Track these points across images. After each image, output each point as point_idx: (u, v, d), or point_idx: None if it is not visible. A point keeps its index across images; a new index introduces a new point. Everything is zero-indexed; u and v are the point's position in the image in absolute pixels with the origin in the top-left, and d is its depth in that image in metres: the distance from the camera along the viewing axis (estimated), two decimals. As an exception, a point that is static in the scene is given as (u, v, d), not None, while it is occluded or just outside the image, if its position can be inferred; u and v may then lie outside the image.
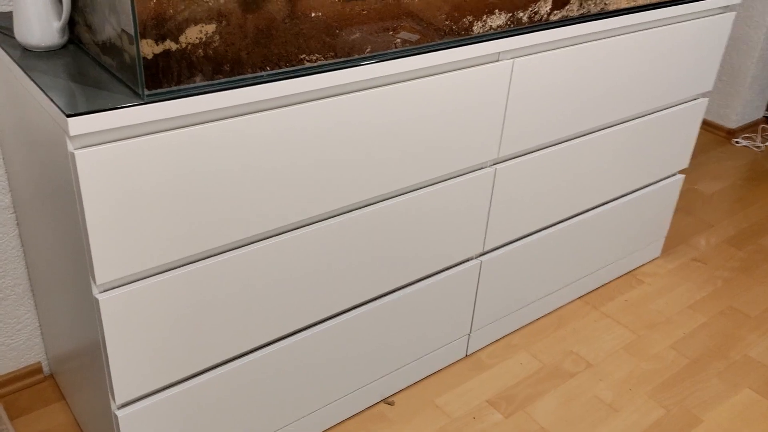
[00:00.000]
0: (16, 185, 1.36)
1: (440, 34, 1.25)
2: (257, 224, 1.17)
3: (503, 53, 1.37)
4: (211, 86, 1.01)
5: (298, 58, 1.09)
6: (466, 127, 1.38)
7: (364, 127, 1.22)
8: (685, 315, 1.98)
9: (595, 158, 1.73)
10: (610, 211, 1.89)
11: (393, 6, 1.17)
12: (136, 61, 0.94)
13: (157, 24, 0.93)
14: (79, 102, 0.93)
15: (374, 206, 1.32)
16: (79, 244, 1.05)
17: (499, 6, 1.31)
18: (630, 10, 1.55)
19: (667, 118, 1.87)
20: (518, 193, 1.59)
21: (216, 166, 1.07)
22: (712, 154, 2.92)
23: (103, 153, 0.95)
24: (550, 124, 1.55)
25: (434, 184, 1.41)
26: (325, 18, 1.09)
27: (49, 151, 1.04)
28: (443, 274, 1.55)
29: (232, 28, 1.00)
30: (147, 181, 1.01)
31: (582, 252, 1.90)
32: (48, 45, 1.09)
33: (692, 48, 1.78)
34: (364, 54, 1.17)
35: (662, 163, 1.96)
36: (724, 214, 2.49)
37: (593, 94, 1.60)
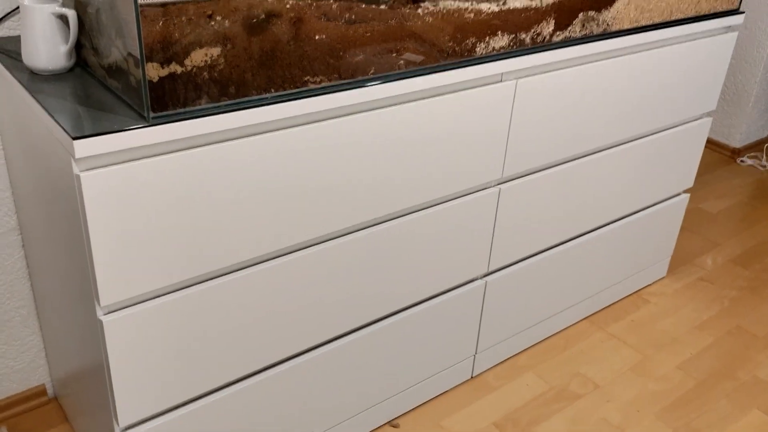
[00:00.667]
0: (22, 207, 1.37)
1: (443, 56, 1.26)
2: (262, 245, 1.17)
3: (506, 74, 1.38)
4: (216, 108, 1.02)
5: (302, 80, 1.10)
6: (470, 148, 1.38)
7: (367, 148, 1.22)
8: (692, 335, 1.97)
9: (599, 178, 1.73)
10: (615, 230, 1.89)
11: (396, 28, 1.18)
12: (141, 84, 0.95)
13: (163, 47, 0.94)
14: (85, 124, 0.94)
15: (379, 226, 1.32)
16: (83, 265, 1.05)
17: (502, 27, 1.32)
18: (632, 31, 1.56)
19: (671, 138, 1.87)
20: (523, 213, 1.59)
21: (221, 188, 1.07)
22: (717, 173, 2.92)
23: (109, 175, 0.95)
24: (554, 144, 1.55)
25: (438, 205, 1.41)
26: (328, 40, 1.10)
27: (55, 173, 1.04)
28: (448, 294, 1.55)
29: (237, 51, 1.01)
30: (152, 203, 1.01)
31: (587, 272, 1.89)
32: (55, 68, 1.10)
33: (695, 68, 1.78)
34: (367, 75, 1.18)
35: (667, 183, 1.96)
36: (730, 233, 2.48)
37: (597, 114, 1.60)
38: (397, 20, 1.18)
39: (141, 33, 0.91)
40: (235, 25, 1.00)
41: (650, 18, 1.59)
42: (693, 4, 1.67)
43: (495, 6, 1.31)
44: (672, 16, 1.64)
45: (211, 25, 0.97)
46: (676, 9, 1.63)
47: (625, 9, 1.52)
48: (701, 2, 1.69)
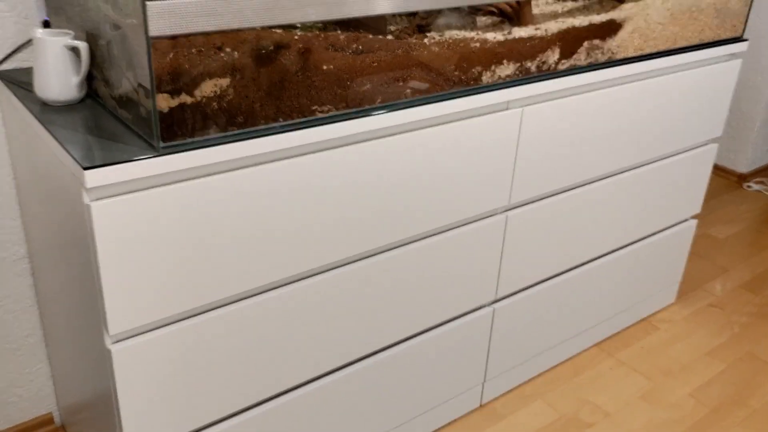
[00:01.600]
0: (32, 236, 1.37)
1: (450, 84, 1.27)
2: (270, 273, 1.17)
3: (512, 102, 1.39)
4: (224, 138, 1.03)
5: (310, 110, 1.11)
6: (477, 175, 1.39)
7: (375, 176, 1.23)
8: (702, 362, 1.95)
9: (606, 204, 1.73)
10: (623, 256, 1.88)
11: (403, 58, 1.19)
12: (151, 114, 0.96)
13: (173, 79, 0.95)
14: (96, 155, 0.95)
15: (386, 254, 1.33)
16: (92, 294, 1.05)
17: (508, 56, 1.34)
18: (637, 59, 1.57)
19: (678, 164, 1.87)
20: (530, 240, 1.59)
21: (229, 216, 1.08)
22: (725, 199, 2.91)
23: (119, 204, 0.96)
24: (561, 171, 1.55)
25: (445, 231, 1.41)
26: (336, 70, 1.12)
27: (65, 202, 1.05)
28: (456, 322, 1.54)
29: (246, 81, 1.02)
30: (161, 232, 1.02)
31: (596, 298, 1.88)
32: (66, 99, 1.12)
33: (700, 95, 1.79)
34: (374, 104, 1.19)
35: (674, 209, 1.96)
36: (739, 259, 2.47)
37: (603, 141, 1.61)
38: (404, 50, 1.19)
39: (152, 65, 0.93)
40: (244, 56, 1.01)
41: (655, 46, 1.60)
42: (697, 32, 1.68)
43: (500, 35, 1.33)
44: (676, 44, 1.65)
45: (221, 57, 0.99)
46: (680, 37, 1.65)
47: (630, 37, 1.54)
48: (705, 30, 1.70)
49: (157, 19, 0.91)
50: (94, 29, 1.09)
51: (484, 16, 1.46)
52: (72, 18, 1.16)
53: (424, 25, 1.31)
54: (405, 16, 1.36)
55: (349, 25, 1.20)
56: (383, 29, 1.23)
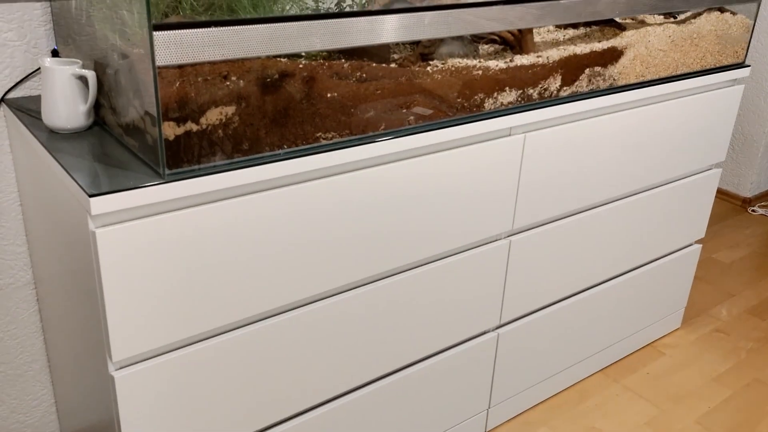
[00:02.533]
0: (37, 261, 1.38)
1: (453, 111, 1.29)
2: (274, 299, 1.17)
3: (515, 128, 1.40)
4: (229, 164, 1.04)
5: (314, 137, 1.12)
6: (481, 200, 1.39)
7: (379, 202, 1.24)
8: (709, 388, 1.93)
9: (610, 229, 1.73)
10: (628, 281, 1.88)
11: (406, 85, 1.21)
12: (157, 142, 0.97)
13: (179, 107, 0.97)
14: (102, 182, 0.96)
15: (389, 279, 1.33)
16: (96, 321, 1.06)
17: (510, 83, 1.35)
18: (639, 85, 1.58)
19: (681, 189, 1.87)
20: (534, 265, 1.59)
21: (234, 242, 1.08)
22: (729, 223, 2.91)
23: (124, 231, 0.97)
24: (564, 196, 1.56)
25: (449, 257, 1.41)
26: (340, 98, 1.13)
27: (71, 229, 1.06)
28: (460, 347, 1.54)
29: (251, 109, 1.04)
30: (166, 258, 1.02)
31: (601, 323, 1.87)
32: (74, 127, 1.13)
33: (703, 120, 1.80)
34: (378, 131, 1.20)
35: (678, 234, 1.96)
36: (745, 284, 2.46)
37: (606, 166, 1.61)
38: (407, 77, 1.21)
39: (158, 93, 0.94)
40: (250, 85, 1.02)
41: (656, 72, 1.61)
42: (698, 59, 1.70)
43: (503, 63, 1.34)
44: (678, 71, 1.66)
45: (227, 85, 1.00)
46: (681, 63, 1.66)
47: (631, 64, 1.55)
48: (706, 56, 1.72)
49: (164, 48, 0.92)
50: (102, 58, 1.10)
51: (486, 44, 1.48)
52: (80, 47, 1.18)
53: (427, 53, 1.33)
54: (408, 45, 1.38)
55: (353, 54, 1.21)
56: (387, 57, 1.25)
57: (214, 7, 1.09)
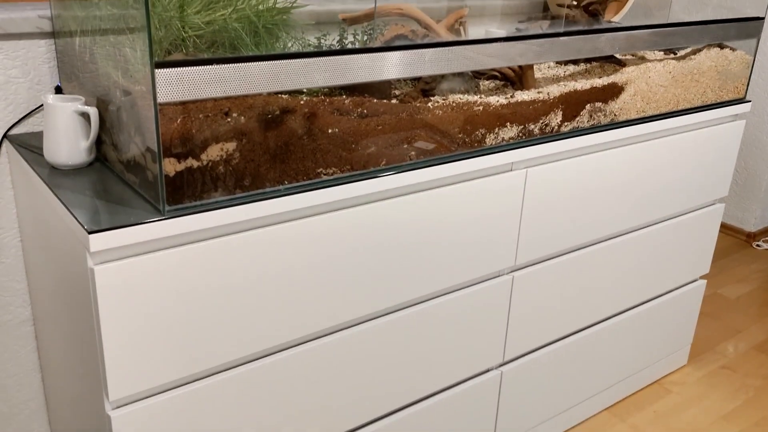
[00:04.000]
0: (36, 298, 1.37)
1: (454, 146, 1.29)
2: (273, 337, 1.16)
3: (516, 163, 1.40)
4: (230, 200, 1.04)
5: (315, 172, 1.12)
6: (483, 235, 1.39)
7: (379, 238, 1.23)
8: (718, 426, 1.90)
9: (613, 265, 1.71)
10: (633, 318, 1.86)
11: (407, 121, 1.21)
12: (158, 178, 0.97)
13: (181, 143, 0.97)
14: (101, 218, 0.96)
15: (390, 316, 1.31)
16: (93, 358, 1.04)
17: (511, 119, 1.35)
18: (640, 121, 1.58)
19: (685, 224, 1.86)
20: (537, 301, 1.57)
21: (234, 278, 1.07)
22: (734, 258, 2.89)
23: (122, 268, 0.96)
24: (567, 231, 1.55)
25: (451, 293, 1.40)
26: (341, 134, 1.13)
27: (70, 265, 1.05)
28: (463, 385, 1.51)
29: (253, 145, 1.04)
30: (165, 295, 1.01)
31: (606, 361, 1.85)
32: (75, 163, 1.13)
33: (704, 155, 1.80)
34: (379, 166, 1.20)
35: (682, 269, 1.94)
36: (751, 320, 2.43)
37: (608, 202, 1.61)
38: (408, 113, 1.21)
39: (159, 130, 0.94)
40: (251, 121, 1.03)
41: (657, 108, 1.62)
42: (699, 95, 1.70)
43: (503, 99, 1.35)
44: (678, 106, 1.67)
45: (228, 121, 1.00)
46: (682, 99, 1.67)
47: (632, 100, 1.55)
48: (707, 92, 1.72)
49: (166, 86, 0.93)
50: (104, 95, 1.11)
51: (487, 79, 1.49)
52: (84, 84, 1.19)
53: (428, 89, 1.34)
54: (409, 81, 1.39)
55: (354, 90, 1.22)
56: (388, 93, 1.25)
57: (216, 45, 1.10)
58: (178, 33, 1.03)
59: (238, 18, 1.08)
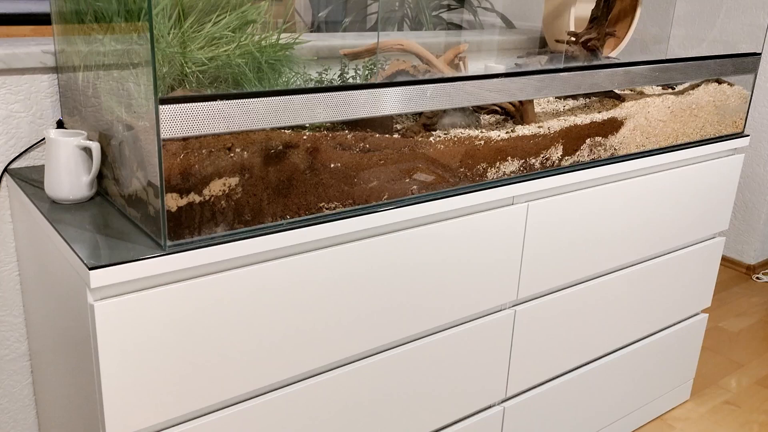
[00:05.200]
0: (33, 333, 1.36)
1: (456, 180, 1.29)
2: (274, 373, 1.14)
3: (518, 197, 1.40)
4: (231, 235, 1.03)
5: (317, 207, 1.12)
6: (485, 269, 1.38)
7: (381, 272, 1.22)
8: (722, 464, 1.87)
9: (615, 299, 1.70)
10: (635, 353, 1.84)
11: (409, 155, 1.21)
12: (160, 213, 0.97)
13: (183, 178, 0.96)
14: (102, 254, 0.95)
15: (391, 351, 1.30)
16: (91, 395, 1.02)
17: (512, 153, 1.35)
18: (640, 155, 1.59)
19: (685, 258, 1.86)
20: (539, 335, 1.56)
21: (235, 314, 1.06)
22: (734, 291, 2.88)
23: (123, 304, 0.95)
24: (568, 265, 1.54)
25: (453, 328, 1.39)
26: (343, 168, 1.13)
27: (69, 301, 1.04)
28: (465, 422, 1.49)
29: (255, 180, 1.03)
30: (165, 331, 1.00)
31: (608, 396, 1.83)
32: (76, 198, 1.13)
33: (704, 189, 1.80)
34: (381, 200, 1.19)
35: (684, 303, 1.93)
36: (753, 354, 2.41)
37: (609, 235, 1.61)
38: (410, 148, 1.21)
39: (162, 165, 0.94)
40: (254, 156, 1.03)
41: (656, 142, 1.62)
42: (698, 129, 1.71)
43: (504, 133, 1.35)
44: (678, 140, 1.68)
45: (230, 157, 1.00)
46: (681, 133, 1.68)
47: (631, 134, 1.56)
48: (705, 127, 1.73)
49: (170, 121, 0.93)
50: (106, 129, 1.11)
51: (487, 114, 1.49)
52: (86, 118, 1.19)
53: (429, 123, 1.34)
54: (411, 115, 1.39)
55: (356, 125, 1.22)
56: (390, 128, 1.26)
57: (219, 80, 1.10)
58: (182, 69, 1.04)
59: (241, 54, 1.08)
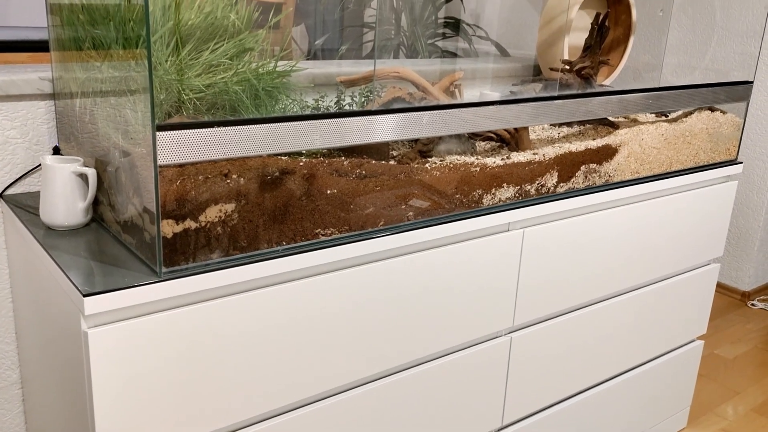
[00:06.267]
0: (26, 360, 1.34)
1: (451, 207, 1.29)
2: (269, 401, 1.13)
3: (513, 223, 1.40)
4: (227, 262, 1.03)
5: (313, 233, 1.12)
6: (481, 296, 1.38)
7: (377, 299, 1.22)
8: (721, 493, 1.85)
9: (610, 326, 1.70)
10: (631, 380, 1.83)
11: (405, 182, 1.21)
12: (155, 239, 0.96)
13: (179, 205, 0.96)
14: (96, 280, 0.95)
15: (386, 379, 1.29)
16: (83, 424, 1.01)
17: (507, 180, 1.36)
18: (634, 182, 1.60)
19: (680, 285, 1.86)
20: (536, 363, 1.55)
21: (231, 341, 1.06)
22: (730, 318, 2.88)
23: (117, 331, 0.94)
24: (564, 292, 1.54)
25: (448, 355, 1.38)
26: (340, 194, 1.13)
27: (63, 328, 1.03)
28: (461, 450, 1.48)
29: (251, 206, 1.03)
30: (159, 359, 0.99)
31: (605, 423, 1.81)
32: (71, 224, 1.12)
33: (699, 216, 1.81)
34: (377, 227, 1.19)
35: (679, 330, 1.93)
36: (749, 381, 2.40)
37: (605, 262, 1.61)
38: (406, 174, 1.22)
39: (158, 192, 0.94)
40: (250, 182, 1.03)
41: (651, 169, 1.63)
42: (691, 156, 1.73)
43: (499, 160, 1.36)
44: (672, 167, 1.69)
45: (227, 183, 1.00)
46: (675, 160, 1.69)
47: (626, 161, 1.57)
48: (699, 154, 1.74)
49: (167, 148, 0.93)
50: (103, 156, 1.11)
51: (483, 141, 1.50)
52: (82, 144, 1.19)
53: (425, 150, 1.35)
54: (407, 142, 1.40)
55: (352, 151, 1.23)
56: (386, 154, 1.26)
57: (216, 106, 1.11)
58: (179, 95, 1.04)
59: (238, 81, 1.09)
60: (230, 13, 1.10)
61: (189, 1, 1.06)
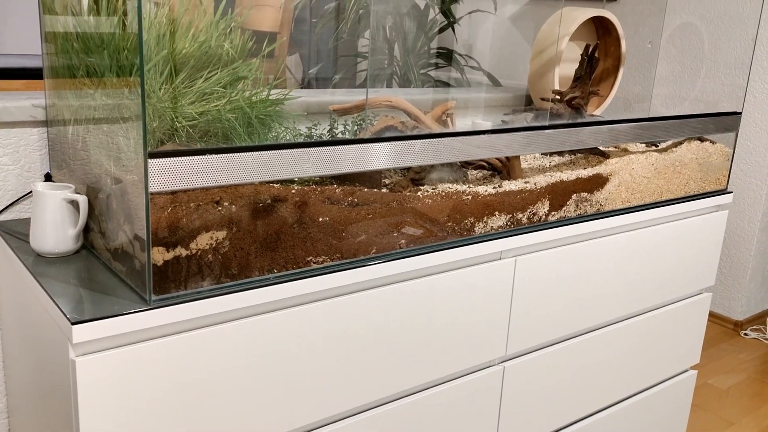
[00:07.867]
0: (12, 389, 1.32)
1: (444, 235, 1.29)
2: (261, 429, 1.12)
3: (505, 252, 1.40)
4: (218, 289, 1.02)
5: (305, 261, 1.12)
6: (473, 324, 1.37)
7: (368, 327, 1.21)
8: None
9: (603, 355, 1.69)
10: (625, 411, 1.82)
11: (397, 210, 1.21)
12: (146, 267, 0.96)
13: (170, 232, 0.96)
14: (86, 308, 0.94)
15: (377, 410, 1.28)
16: (70, 455, 1.00)
17: (499, 208, 1.36)
18: (625, 211, 1.60)
19: (673, 314, 1.86)
20: (529, 392, 1.54)
21: (221, 370, 1.04)
22: (723, 347, 2.87)
23: (105, 360, 0.93)
24: (556, 321, 1.54)
25: (440, 385, 1.37)
26: (332, 222, 1.13)
27: (51, 356, 1.02)
28: (454, 482, 1.46)
29: (242, 233, 1.03)
30: (148, 388, 0.98)
31: (599, 455, 1.80)
32: (61, 252, 1.12)
33: (690, 245, 1.82)
34: (369, 254, 1.19)
35: (673, 359, 1.92)
36: (743, 411, 2.39)
37: (597, 291, 1.61)
38: (398, 202, 1.22)
39: (149, 219, 0.94)
40: (242, 210, 1.03)
41: (641, 198, 1.64)
42: (682, 186, 1.74)
43: (491, 188, 1.36)
44: (662, 197, 1.70)
45: (218, 210, 1.00)
46: (665, 190, 1.70)
47: (617, 190, 1.58)
48: (689, 183, 1.76)
49: (158, 175, 0.93)
50: (94, 183, 1.11)
51: (475, 169, 1.51)
52: (74, 171, 1.19)
53: (417, 178, 1.35)
54: (399, 170, 1.41)
55: (345, 179, 1.23)
56: (378, 182, 1.27)
57: (209, 134, 1.11)
58: (172, 123, 1.05)
59: (231, 109, 1.09)
60: (224, 42, 1.11)
61: (183, 31, 1.07)
